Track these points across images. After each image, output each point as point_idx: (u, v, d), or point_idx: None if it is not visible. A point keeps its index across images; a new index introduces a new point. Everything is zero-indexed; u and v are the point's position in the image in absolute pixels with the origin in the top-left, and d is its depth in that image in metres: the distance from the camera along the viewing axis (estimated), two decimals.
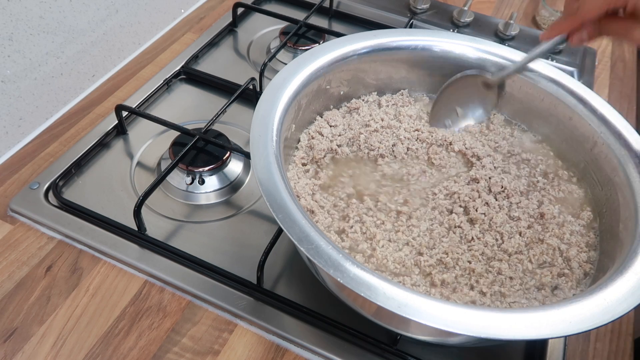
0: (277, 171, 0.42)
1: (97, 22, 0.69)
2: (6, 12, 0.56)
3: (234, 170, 0.61)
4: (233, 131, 0.66)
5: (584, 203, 0.51)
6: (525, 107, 0.57)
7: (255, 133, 0.45)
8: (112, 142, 0.64)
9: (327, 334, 0.49)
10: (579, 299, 0.37)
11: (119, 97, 0.70)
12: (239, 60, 0.78)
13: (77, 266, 0.53)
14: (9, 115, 0.61)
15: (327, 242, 0.38)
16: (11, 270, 0.52)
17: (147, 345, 0.48)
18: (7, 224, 0.55)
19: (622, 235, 0.45)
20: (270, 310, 0.50)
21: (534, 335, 0.35)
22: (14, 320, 0.48)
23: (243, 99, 0.69)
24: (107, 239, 0.54)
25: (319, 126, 0.55)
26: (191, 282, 0.51)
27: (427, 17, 0.88)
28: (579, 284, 0.45)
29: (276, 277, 0.53)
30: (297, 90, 0.50)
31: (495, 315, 0.36)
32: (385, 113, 0.57)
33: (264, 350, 0.48)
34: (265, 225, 0.57)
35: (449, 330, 0.34)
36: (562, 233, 0.48)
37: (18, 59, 0.60)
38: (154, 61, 0.76)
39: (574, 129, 0.53)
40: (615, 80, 0.82)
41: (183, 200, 0.59)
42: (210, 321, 0.50)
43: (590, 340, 0.52)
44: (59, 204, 0.56)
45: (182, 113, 0.69)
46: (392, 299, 0.35)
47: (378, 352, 0.48)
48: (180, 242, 0.55)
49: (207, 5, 0.88)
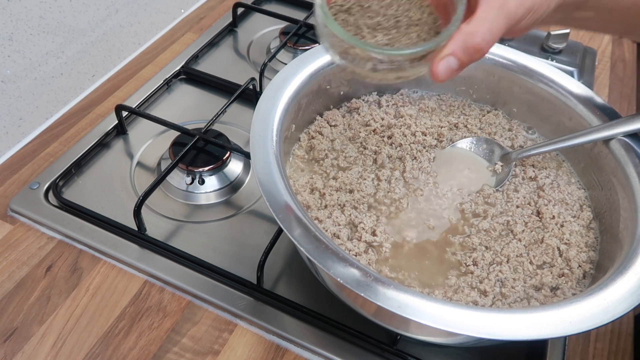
0: (277, 171, 0.42)
1: (97, 22, 0.69)
2: (6, 12, 0.56)
3: (234, 170, 0.61)
4: (233, 131, 0.66)
5: (583, 203, 0.51)
6: (525, 106, 0.57)
7: (255, 133, 0.45)
8: (112, 142, 0.64)
9: (327, 334, 0.49)
10: (579, 299, 0.37)
11: (119, 97, 0.70)
12: (239, 60, 0.78)
13: (77, 266, 0.53)
14: (9, 115, 0.61)
15: (327, 242, 0.38)
16: (11, 270, 0.52)
17: (147, 345, 0.48)
18: (7, 224, 0.55)
19: (621, 235, 0.45)
20: (270, 310, 0.50)
21: (534, 336, 0.35)
22: (14, 320, 0.49)
23: (243, 99, 0.69)
24: (107, 239, 0.54)
25: (319, 126, 0.55)
26: (191, 282, 0.51)
27: None
28: (579, 284, 0.45)
29: (276, 277, 0.53)
30: (297, 90, 0.50)
31: (495, 316, 0.36)
32: (386, 113, 0.57)
33: (264, 350, 0.48)
34: (265, 225, 0.57)
35: (449, 330, 0.34)
36: (562, 233, 0.48)
37: (18, 59, 0.60)
38: (154, 61, 0.76)
39: (574, 129, 0.53)
40: (615, 80, 0.82)
41: (183, 200, 0.59)
42: (210, 321, 0.50)
43: (590, 340, 0.52)
44: (59, 204, 0.56)
45: (182, 113, 0.69)
46: (392, 299, 0.35)
47: (378, 352, 0.48)
48: (180, 242, 0.55)
49: (207, 5, 0.88)
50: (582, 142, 0.49)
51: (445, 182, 0.52)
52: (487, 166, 0.54)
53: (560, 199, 0.51)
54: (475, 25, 0.34)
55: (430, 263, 0.46)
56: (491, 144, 0.55)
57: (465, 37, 0.34)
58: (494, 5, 0.35)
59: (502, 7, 0.35)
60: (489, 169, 0.54)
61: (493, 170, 0.53)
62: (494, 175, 0.53)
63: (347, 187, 0.50)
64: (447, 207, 0.50)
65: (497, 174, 0.53)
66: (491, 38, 0.34)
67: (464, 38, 0.34)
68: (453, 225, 0.49)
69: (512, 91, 0.57)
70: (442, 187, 0.52)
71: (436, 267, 0.46)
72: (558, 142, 0.50)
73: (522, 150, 0.53)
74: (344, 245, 0.46)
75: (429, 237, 0.48)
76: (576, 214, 0.50)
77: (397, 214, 0.49)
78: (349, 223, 0.48)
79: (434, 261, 0.46)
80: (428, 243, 0.47)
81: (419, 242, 0.47)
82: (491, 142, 0.55)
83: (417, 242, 0.47)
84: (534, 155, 0.53)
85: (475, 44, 0.34)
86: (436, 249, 0.47)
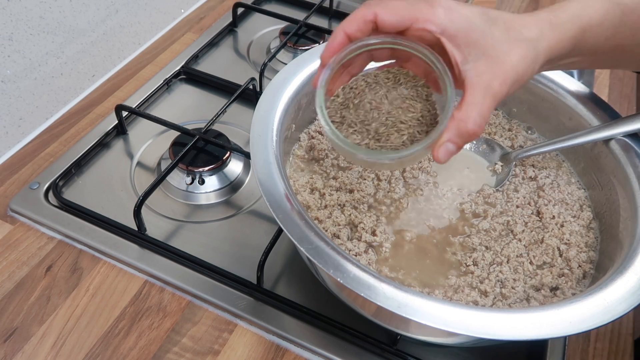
0: (277, 171, 0.42)
1: (97, 22, 0.69)
2: (6, 12, 0.56)
3: (234, 170, 0.61)
4: (233, 131, 0.66)
5: (583, 203, 0.51)
6: (525, 106, 0.57)
7: (255, 133, 0.45)
8: (112, 142, 0.64)
9: (327, 334, 0.49)
10: (579, 299, 0.37)
11: (119, 97, 0.70)
12: (239, 60, 0.78)
13: (77, 266, 0.53)
14: (9, 115, 0.61)
15: (327, 242, 0.38)
16: (11, 270, 0.52)
17: (147, 345, 0.48)
18: (7, 224, 0.55)
19: (621, 235, 0.45)
20: (270, 310, 0.50)
21: (534, 336, 0.35)
22: (14, 320, 0.49)
23: (243, 99, 0.69)
24: (107, 239, 0.54)
25: (319, 126, 0.55)
26: (191, 282, 0.51)
27: None
28: (579, 284, 0.45)
29: (276, 277, 0.53)
30: (297, 90, 0.50)
31: (495, 316, 0.36)
32: None
33: (264, 350, 0.48)
34: (265, 225, 0.57)
35: (449, 330, 0.34)
36: (562, 233, 0.48)
37: (18, 59, 0.60)
38: (154, 61, 0.76)
39: (574, 129, 0.53)
40: (615, 80, 0.82)
41: (183, 200, 0.59)
42: (210, 321, 0.50)
43: (590, 340, 0.52)
44: (59, 204, 0.56)
45: (182, 113, 0.69)
46: (392, 299, 0.35)
47: (378, 352, 0.48)
48: (180, 242, 0.55)
49: (207, 5, 0.88)
50: (582, 142, 0.50)
51: (445, 182, 0.52)
52: (487, 166, 0.54)
53: (560, 199, 0.51)
54: (466, 112, 0.36)
55: (430, 263, 0.46)
56: (491, 143, 0.55)
57: (458, 124, 0.36)
58: (479, 88, 0.36)
59: (488, 88, 0.36)
60: (489, 169, 0.54)
61: (493, 170, 0.53)
62: (494, 175, 0.53)
63: (347, 187, 0.50)
64: (447, 207, 0.50)
65: (497, 174, 0.53)
66: (482, 121, 0.36)
67: (457, 125, 0.36)
68: (453, 225, 0.49)
69: None
70: (442, 187, 0.52)
71: (436, 267, 0.46)
72: (558, 142, 0.50)
73: (522, 150, 0.53)
74: (344, 245, 0.46)
75: (429, 237, 0.48)
76: (576, 214, 0.50)
77: (397, 214, 0.49)
78: (349, 223, 0.48)
79: (434, 261, 0.46)
80: (428, 243, 0.47)
81: (419, 242, 0.47)
82: (491, 142, 0.55)
83: (417, 242, 0.47)
84: (533, 155, 0.53)
85: (468, 130, 0.36)
86: (436, 249, 0.47)
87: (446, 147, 0.37)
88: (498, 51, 0.36)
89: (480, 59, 0.36)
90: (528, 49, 0.37)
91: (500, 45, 0.36)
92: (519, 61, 0.36)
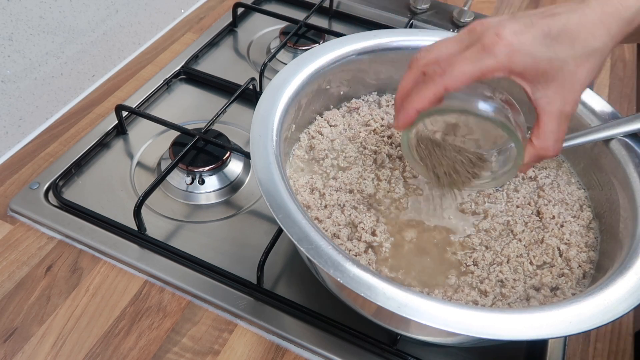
0: (277, 171, 0.42)
1: (97, 22, 0.69)
2: (6, 12, 0.56)
3: (234, 170, 0.61)
4: (233, 131, 0.66)
5: (583, 203, 0.51)
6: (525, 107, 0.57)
7: (255, 133, 0.45)
8: (112, 142, 0.64)
9: (327, 334, 0.49)
10: (579, 299, 0.37)
11: (119, 97, 0.70)
12: (239, 60, 0.78)
13: (77, 266, 0.53)
14: (9, 115, 0.61)
15: (327, 242, 0.38)
16: (11, 270, 0.52)
17: (147, 345, 0.48)
18: (7, 224, 0.55)
19: (621, 235, 0.45)
20: (270, 310, 0.50)
21: (534, 336, 0.35)
22: (14, 320, 0.49)
23: (243, 99, 0.69)
24: (107, 239, 0.54)
25: (319, 126, 0.55)
26: (191, 282, 0.51)
27: (427, 17, 0.88)
28: (579, 284, 0.45)
29: (276, 277, 0.53)
30: (297, 90, 0.50)
31: (495, 316, 0.36)
32: (386, 113, 0.57)
33: (264, 350, 0.48)
34: (265, 225, 0.57)
35: (449, 330, 0.34)
36: (562, 233, 0.48)
37: (18, 59, 0.60)
38: (154, 61, 0.76)
39: (574, 129, 0.52)
40: (615, 80, 0.82)
41: (183, 200, 0.59)
42: (210, 321, 0.50)
43: (590, 340, 0.52)
44: (59, 204, 0.56)
45: (182, 113, 0.69)
46: (392, 299, 0.35)
47: (378, 352, 0.48)
48: (180, 242, 0.55)
49: (207, 5, 0.88)
50: (582, 142, 0.49)
51: None
52: None
53: (560, 199, 0.51)
54: (544, 140, 0.39)
55: (430, 263, 0.46)
56: None
57: (538, 152, 0.40)
58: (553, 115, 0.38)
59: (561, 115, 0.38)
60: None
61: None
62: None
63: (347, 187, 0.50)
64: (447, 206, 0.50)
65: None
66: (560, 146, 0.39)
67: (538, 154, 0.40)
68: (453, 225, 0.49)
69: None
70: None
71: (436, 267, 0.46)
72: None
73: None
74: (343, 245, 0.46)
75: (428, 237, 0.48)
76: (576, 214, 0.50)
77: (397, 214, 0.49)
78: (348, 223, 0.48)
79: (434, 261, 0.46)
80: (428, 243, 0.47)
81: (418, 242, 0.47)
82: None
83: (417, 242, 0.47)
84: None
85: (550, 156, 0.40)
86: (436, 248, 0.47)
87: (527, 168, 0.43)
88: (566, 73, 0.36)
89: (550, 86, 0.37)
90: (595, 60, 0.37)
91: (567, 66, 0.36)
92: (587, 76, 0.37)
